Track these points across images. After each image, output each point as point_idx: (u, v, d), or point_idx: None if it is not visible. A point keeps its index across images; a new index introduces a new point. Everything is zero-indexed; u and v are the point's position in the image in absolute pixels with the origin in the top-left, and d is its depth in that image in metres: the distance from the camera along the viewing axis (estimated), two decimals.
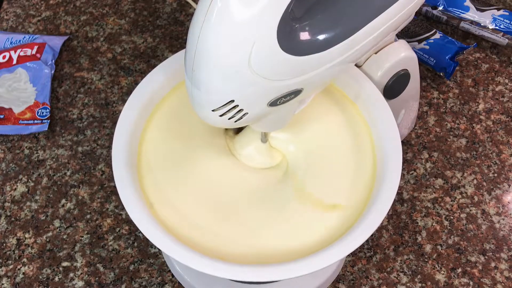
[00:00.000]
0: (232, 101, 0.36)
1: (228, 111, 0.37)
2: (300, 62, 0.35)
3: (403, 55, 0.49)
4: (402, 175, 0.61)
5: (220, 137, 0.48)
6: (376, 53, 0.49)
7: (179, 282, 0.55)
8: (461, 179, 0.61)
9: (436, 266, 0.56)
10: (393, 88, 0.51)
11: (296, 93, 0.37)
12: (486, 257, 0.56)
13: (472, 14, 0.71)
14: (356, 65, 0.49)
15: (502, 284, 0.55)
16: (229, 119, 0.37)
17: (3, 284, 0.55)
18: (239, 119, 0.38)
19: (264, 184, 0.46)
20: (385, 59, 0.49)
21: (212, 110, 0.37)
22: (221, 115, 0.37)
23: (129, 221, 0.59)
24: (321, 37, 0.35)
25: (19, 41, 0.72)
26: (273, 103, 0.37)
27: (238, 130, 0.49)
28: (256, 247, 0.42)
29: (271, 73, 0.35)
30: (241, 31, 0.32)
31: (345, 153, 0.46)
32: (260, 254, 0.42)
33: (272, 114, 0.40)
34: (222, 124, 0.38)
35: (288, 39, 0.34)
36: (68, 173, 0.62)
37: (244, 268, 0.39)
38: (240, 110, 0.37)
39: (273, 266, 0.39)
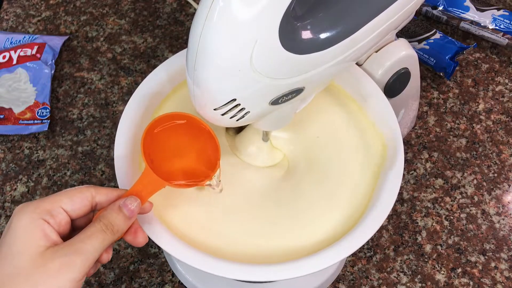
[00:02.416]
0: (234, 100, 0.36)
1: (230, 110, 0.37)
2: (302, 60, 0.35)
3: (403, 53, 0.49)
4: (402, 175, 0.61)
5: (221, 136, 0.48)
6: (376, 51, 0.49)
7: (179, 282, 0.55)
8: (461, 179, 0.61)
9: (436, 266, 0.56)
10: (393, 87, 0.51)
11: (297, 91, 0.37)
12: (486, 257, 0.56)
13: (472, 14, 0.71)
14: (357, 63, 0.49)
15: (502, 284, 0.55)
16: (231, 118, 0.37)
17: None
18: (241, 118, 0.38)
19: (265, 183, 0.46)
20: (385, 58, 0.49)
21: (214, 109, 0.37)
22: (223, 114, 0.37)
23: None
24: (322, 35, 0.35)
25: (19, 41, 0.71)
26: (274, 102, 0.37)
27: (239, 129, 0.49)
28: (257, 246, 0.42)
29: (273, 72, 0.35)
30: (243, 30, 0.32)
31: (345, 151, 0.46)
32: (261, 254, 0.41)
33: (274, 113, 0.40)
34: (223, 123, 0.38)
35: (290, 37, 0.34)
36: (68, 173, 0.62)
37: (245, 268, 0.39)
38: (242, 109, 0.37)
39: (274, 266, 0.39)
